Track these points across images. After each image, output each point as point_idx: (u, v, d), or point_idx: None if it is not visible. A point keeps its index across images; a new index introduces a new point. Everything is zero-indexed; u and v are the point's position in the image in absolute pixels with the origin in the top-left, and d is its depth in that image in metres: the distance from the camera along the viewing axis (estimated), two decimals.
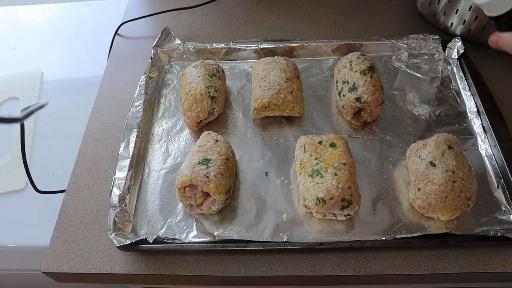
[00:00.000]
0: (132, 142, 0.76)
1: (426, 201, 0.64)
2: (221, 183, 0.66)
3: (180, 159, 0.77)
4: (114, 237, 0.64)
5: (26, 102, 1.00)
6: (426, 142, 0.70)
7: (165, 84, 0.91)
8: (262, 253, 0.66)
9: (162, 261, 0.66)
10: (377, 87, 0.76)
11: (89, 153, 0.80)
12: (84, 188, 0.76)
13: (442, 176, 0.64)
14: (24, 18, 1.25)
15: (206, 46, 0.93)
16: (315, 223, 0.67)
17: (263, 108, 0.78)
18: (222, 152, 0.70)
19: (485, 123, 0.76)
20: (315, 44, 0.91)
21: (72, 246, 0.68)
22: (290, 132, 0.80)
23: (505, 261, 0.64)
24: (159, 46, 0.93)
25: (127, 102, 0.86)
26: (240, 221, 0.69)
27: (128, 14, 1.09)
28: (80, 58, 1.11)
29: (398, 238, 0.63)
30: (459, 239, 0.63)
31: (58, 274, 0.67)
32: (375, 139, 0.78)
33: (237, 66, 0.93)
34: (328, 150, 0.68)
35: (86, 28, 1.19)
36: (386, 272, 0.64)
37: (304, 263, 0.65)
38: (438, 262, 0.64)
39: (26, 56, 1.12)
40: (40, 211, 0.83)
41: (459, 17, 0.88)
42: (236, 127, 0.82)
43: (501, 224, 0.65)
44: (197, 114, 0.78)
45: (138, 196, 0.73)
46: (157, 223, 0.69)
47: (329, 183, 0.63)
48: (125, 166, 0.72)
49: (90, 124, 0.85)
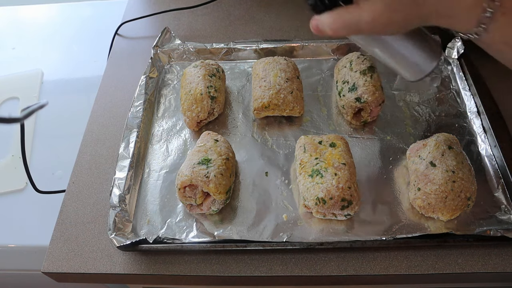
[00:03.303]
0: (132, 142, 0.76)
1: (426, 201, 0.64)
2: (221, 183, 0.66)
3: (180, 159, 0.77)
4: (114, 237, 0.64)
5: (26, 102, 1.00)
6: (426, 142, 0.70)
7: (165, 84, 0.91)
8: (262, 253, 0.66)
9: (162, 261, 0.66)
10: (377, 87, 0.76)
11: (89, 153, 0.80)
12: (84, 188, 0.76)
13: (442, 176, 0.64)
14: (24, 18, 1.25)
15: (206, 46, 0.93)
16: (315, 223, 0.67)
17: (263, 108, 0.78)
18: (222, 152, 0.70)
19: (485, 123, 0.76)
20: (315, 44, 0.91)
21: (72, 246, 0.68)
22: (290, 132, 0.80)
23: (505, 261, 0.64)
24: (159, 46, 0.93)
25: (127, 102, 0.86)
26: (240, 221, 0.69)
27: (128, 14, 1.09)
28: (80, 58, 1.11)
29: (398, 238, 0.63)
30: (459, 239, 0.63)
31: (58, 274, 0.67)
32: (375, 139, 0.78)
33: (237, 66, 0.93)
34: (328, 150, 0.68)
35: (86, 28, 1.19)
36: (386, 272, 0.64)
37: (304, 263, 0.65)
38: (438, 262, 0.64)
39: (26, 56, 1.12)
40: (40, 211, 0.83)
41: None
42: (236, 127, 0.82)
43: (501, 224, 0.65)
44: (197, 114, 0.78)
45: (138, 196, 0.73)
46: (157, 223, 0.69)
47: (329, 183, 0.63)
48: (125, 166, 0.72)
49: (90, 124, 0.85)
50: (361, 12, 0.48)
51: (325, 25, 0.51)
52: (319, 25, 0.51)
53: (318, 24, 0.52)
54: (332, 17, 0.50)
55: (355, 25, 0.49)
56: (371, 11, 0.47)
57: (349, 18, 0.49)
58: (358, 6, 0.48)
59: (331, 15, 0.50)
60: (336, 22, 0.50)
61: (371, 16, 0.47)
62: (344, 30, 0.50)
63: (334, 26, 0.50)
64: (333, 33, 0.50)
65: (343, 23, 0.50)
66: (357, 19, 0.48)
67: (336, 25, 0.50)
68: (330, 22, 0.50)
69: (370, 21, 0.48)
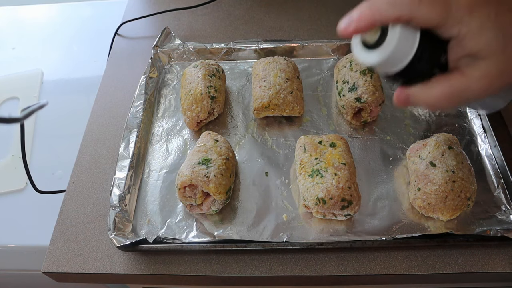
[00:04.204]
0: (132, 142, 0.76)
1: (426, 201, 0.64)
2: (221, 183, 0.66)
3: (180, 159, 0.77)
4: (114, 237, 0.64)
5: (26, 102, 1.00)
6: (426, 142, 0.70)
7: (165, 84, 0.91)
8: (262, 253, 0.66)
9: (162, 261, 0.66)
10: (377, 87, 0.76)
11: (89, 153, 0.80)
12: (84, 188, 0.76)
13: (442, 176, 0.64)
14: (24, 18, 1.25)
15: (206, 46, 0.93)
16: (315, 223, 0.67)
17: (263, 108, 0.78)
18: (222, 152, 0.70)
19: (485, 123, 0.76)
20: (315, 44, 0.91)
21: (72, 246, 0.68)
22: (290, 132, 0.80)
23: (505, 261, 0.64)
24: (159, 46, 0.93)
25: (127, 102, 0.86)
26: (240, 221, 0.69)
27: (128, 14, 1.09)
28: (80, 58, 1.11)
29: (398, 238, 0.63)
30: (459, 239, 0.63)
31: (58, 274, 0.67)
32: (375, 139, 0.78)
33: (237, 66, 0.93)
34: (328, 150, 0.68)
35: (86, 28, 1.19)
36: (386, 272, 0.64)
37: (304, 263, 0.65)
38: (438, 262, 0.64)
39: (26, 56, 1.12)
40: (40, 211, 0.83)
41: None
42: (236, 127, 0.82)
43: (501, 224, 0.65)
44: (197, 114, 0.78)
45: (138, 196, 0.73)
46: (157, 223, 0.69)
47: (329, 183, 0.63)
48: (125, 166, 0.72)
49: (90, 124, 0.85)
50: (470, 82, 0.40)
51: (421, 99, 0.43)
52: (411, 98, 0.44)
53: (411, 97, 0.44)
54: (432, 91, 0.42)
55: (461, 97, 0.41)
56: (482, 80, 0.40)
57: (455, 91, 0.41)
58: (462, 74, 0.41)
59: (430, 90, 0.42)
60: (439, 97, 0.42)
61: (483, 85, 0.40)
62: (446, 103, 0.42)
63: (437, 101, 0.42)
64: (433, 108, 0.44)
65: (448, 97, 0.41)
66: (466, 91, 0.41)
67: (439, 100, 0.42)
68: (430, 97, 0.42)
69: (483, 89, 0.40)
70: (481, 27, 0.38)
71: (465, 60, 0.41)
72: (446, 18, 0.39)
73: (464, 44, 0.40)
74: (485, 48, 0.39)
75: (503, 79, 0.40)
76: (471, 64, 0.40)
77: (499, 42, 0.38)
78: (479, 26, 0.38)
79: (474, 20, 0.38)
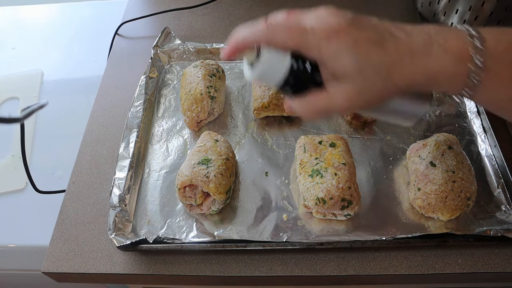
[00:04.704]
0: (132, 142, 0.76)
1: (426, 201, 0.64)
2: (221, 183, 0.66)
3: (180, 159, 0.77)
4: (114, 237, 0.64)
5: (26, 102, 1.00)
6: (426, 142, 0.70)
7: (165, 84, 0.91)
8: (262, 253, 0.66)
9: (162, 261, 0.66)
10: None
11: (89, 153, 0.80)
12: (84, 188, 0.76)
13: (442, 176, 0.64)
14: (24, 18, 1.25)
15: (206, 46, 0.93)
16: (315, 223, 0.67)
17: (263, 108, 0.78)
18: (222, 152, 0.70)
19: (485, 123, 0.76)
20: None
21: (72, 246, 0.68)
22: (290, 132, 0.80)
23: (505, 261, 0.64)
24: (159, 46, 0.93)
25: (127, 102, 0.86)
26: (240, 221, 0.69)
27: (128, 14, 1.09)
28: (80, 58, 1.11)
29: (398, 238, 0.63)
30: (459, 239, 0.63)
31: (58, 274, 0.67)
32: (375, 139, 0.78)
33: (237, 66, 0.93)
34: (328, 150, 0.69)
35: (86, 28, 1.19)
36: (386, 272, 0.64)
37: (304, 263, 0.65)
38: (438, 262, 0.64)
39: (26, 56, 1.12)
40: (40, 211, 0.83)
41: (459, 17, 0.88)
42: (236, 127, 0.82)
43: (501, 224, 0.65)
44: (197, 114, 0.78)
45: (138, 196, 0.73)
46: (157, 223, 0.69)
47: (329, 183, 0.63)
48: (125, 166, 0.72)
49: (90, 124, 0.85)
50: (332, 100, 0.46)
51: (297, 111, 0.49)
52: (292, 109, 0.49)
53: (291, 108, 0.49)
54: (302, 105, 0.48)
55: (328, 112, 0.47)
56: (341, 99, 0.45)
57: (320, 107, 0.46)
58: (327, 94, 0.46)
59: (301, 103, 0.48)
60: (307, 111, 0.48)
61: (343, 103, 0.45)
62: (317, 117, 0.48)
63: (306, 114, 0.48)
64: (305, 119, 0.49)
65: (314, 112, 0.47)
66: (329, 107, 0.46)
67: (307, 114, 0.48)
68: (301, 110, 0.48)
69: (344, 107, 0.46)
70: (339, 53, 0.42)
71: (331, 79, 0.45)
72: (304, 44, 0.44)
73: (326, 65, 0.44)
74: (342, 70, 0.43)
75: (361, 98, 0.45)
76: (334, 83, 0.45)
77: (356, 66, 0.42)
78: (336, 52, 0.42)
79: (332, 47, 0.42)
